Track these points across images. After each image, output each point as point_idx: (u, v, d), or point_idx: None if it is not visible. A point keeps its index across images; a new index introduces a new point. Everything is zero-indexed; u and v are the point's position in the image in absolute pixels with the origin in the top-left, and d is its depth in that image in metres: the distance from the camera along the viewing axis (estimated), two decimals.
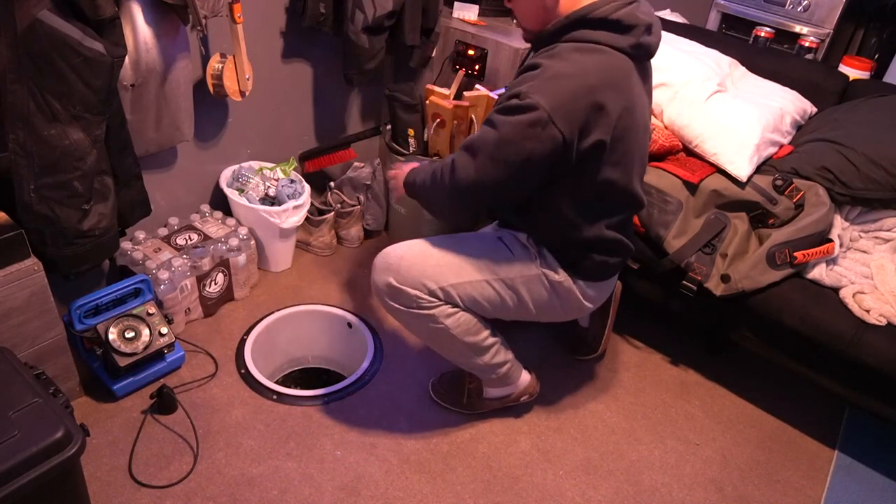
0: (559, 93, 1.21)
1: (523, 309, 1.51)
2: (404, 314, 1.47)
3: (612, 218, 1.43)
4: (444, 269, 1.43)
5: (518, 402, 1.75)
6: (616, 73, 1.27)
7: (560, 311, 1.55)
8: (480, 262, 1.45)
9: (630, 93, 1.29)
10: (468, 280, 1.44)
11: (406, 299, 1.44)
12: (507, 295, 1.48)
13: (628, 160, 1.35)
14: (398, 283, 1.43)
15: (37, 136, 1.36)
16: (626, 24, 1.26)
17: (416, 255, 1.44)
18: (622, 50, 1.27)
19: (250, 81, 1.88)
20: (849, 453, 1.79)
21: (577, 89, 1.22)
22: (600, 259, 1.47)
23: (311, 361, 2.10)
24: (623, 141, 1.31)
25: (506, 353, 1.62)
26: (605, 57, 1.26)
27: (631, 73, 1.30)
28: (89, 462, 1.50)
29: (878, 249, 1.76)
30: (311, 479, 1.54)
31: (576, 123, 1.23)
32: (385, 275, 1.44)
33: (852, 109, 1.90)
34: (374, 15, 1.99)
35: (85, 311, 1.62)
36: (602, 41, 1.26)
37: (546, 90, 1.21)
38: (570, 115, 1.22)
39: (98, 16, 1.35)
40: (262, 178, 2.11)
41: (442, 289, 1.43)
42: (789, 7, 2.46)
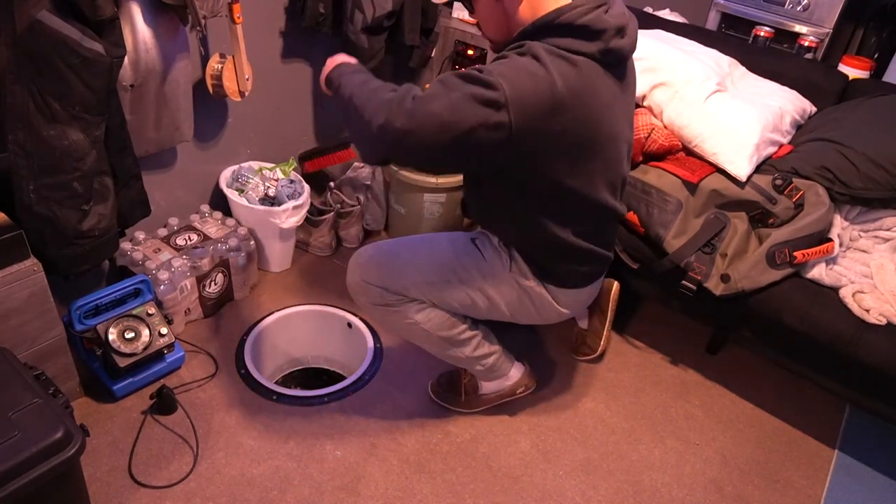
0: (522, 85, 1.15)
1: (496, 311, 1.51)
2: (377, 311, 1.52)
3: (579, 226, 1.38)
4: (410, 269, 1.47)
5: (515, 395, 1.74)
6: (582, 82, 1.21)
7: (535, 315, 1.53)
8: (449, 263, 1.46)
9: (595, 102, 1.24)
10: (434, 280, 1.46)
11: (375, 296, 1.48)
12: (478, 297, 1.47)
13: (592, 169, 1.30)
14: (366, 281, 1.48)
15: (36, 137, 1.36)
16: (593, 29, 1.21)
17: (385, 254, 1.50)
18: (591, 56, 1.21)
19: (250, 82, 1.88)
20: (849, 453, 1.79)
21: (539, 89, 1.16)
22: (569, 267, 1.44)
23: (311, 361, 2.10)
24: (585, 150, 1.26)
25: (489, 345, 1.62)
26: (571, 67, 1.20)
27: (599, 82, 1.24)
28: (89, 462, 1.50)
29: (878, 249, 1.76)
30: (311, 479, 1.54)
31: (528, 119, 1.16)
32: (355, 273, 1.50)
33: (852, 109, 1.90)
34: (373, 15, 1.99)
35: (85, 311, 1.62)
36: (569, 48, 1.20)
37: (511, 77, 1.15)
38: (525, 110, 1.15)
39: (97, 16, 1.35)
40: (261, 179, 2.11)
41: (406, 287, 1.46)
42: (789, 7, 2.45)
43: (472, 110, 1.15)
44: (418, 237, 1.54)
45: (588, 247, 1.42)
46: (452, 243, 1.50)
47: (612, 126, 1.30)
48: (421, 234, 1.54)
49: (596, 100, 1.23)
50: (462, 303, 1.49)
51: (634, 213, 1.78)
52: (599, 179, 1.33)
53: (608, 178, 1.35)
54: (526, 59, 1.18)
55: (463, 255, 1.47)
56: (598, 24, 1.20)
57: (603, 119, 1.26)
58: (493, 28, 1.33)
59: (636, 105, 1.94)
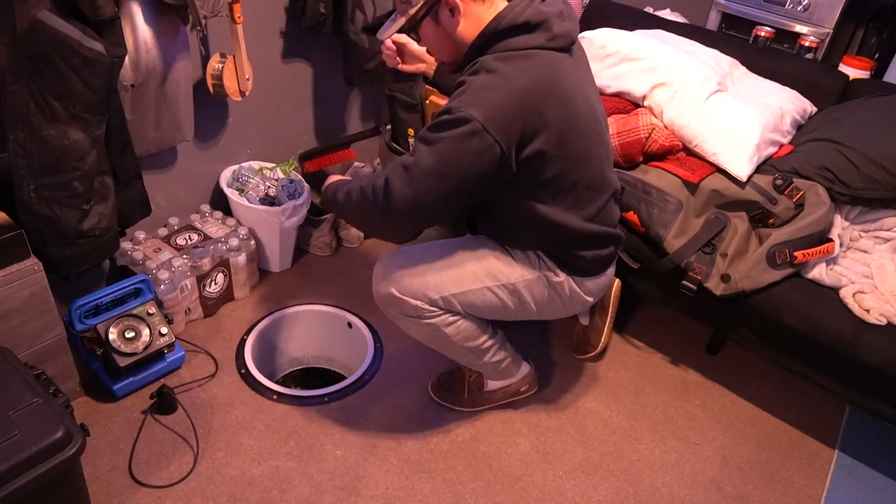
0: (489, 103, 1.20)
1: (525, 310, 1.51)
2: (405, 322, 1.49)
3: (585, 210, 1.40)
4: (444, 278, 1.43)
5: (518, 394, 1.76)
6: (542, 72, 1.25)
7: (562, 309, 1.56)
8: (481, 269, 1.45)
9: (561, 86, 1.27)
10: (469, 289, 1.44)
11: (408, 309, 1.44)
12: (509, 299, 1.47)
13: (578, 150, 1.32)
14: (400, 293, 1.43)
15: (37, 137, 1.36)
16: (535, 22, 1.25)
17: (417, 264, 1.44)
18: (541, 47, 1.25)
19: (250, 81, 1.88)
20: (849, 453, 1.79)
21: (506, 97, 1.20)
22: (592, 254, 1.46)
23: (311, 361, 2.10)
24: (567, 134, 1.28)
25: (505, 350, 1.64)
26: (526, 60, 1.24)
27: (558, 67, 1.27)
28: (89, 462, 1.50)
29: (878, 249, 1.75)
30: (311, 479, 1.54)
31: (512, 130, 1.21)
32: (386, 285, 1.44)
33: (852, 109, 1.90)
34: (374, 15, 1.99)
35: (85, 311, 1.62)
36: (519, 46, 1.24)
37: (476, 102, 1.20)
38: (505, 124, 1.20)
39: (98, 16, 1.35)
40: (262, 178, 2.11)
41: (443, 298, 1.43)
42: (789, 7, 2.45)
43: (460, 149, 1.20)
44: (446, 244, 1.49)
45: (601, 230, 1.44)
46: (481, 248, 1.48)
47: (587, 102, 1.34)
48: (446, 241, 1.50)
49: (562, 83, 1.27)
50: (494, 307, 1.48)
51: (634, 213, 1.78)
52: (592, 158, 1.37)
53: (600, 153, 1.39)
54: (481, 77, 1.23)
55: (493, 259, 1.46)
56: (538, 17, 1.25)
57: (577, 98, 1.30)
58: (442, 51, 1.38)
59: (636, 105, 1.94)
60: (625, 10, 2.34)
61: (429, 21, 1.32)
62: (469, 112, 1.18)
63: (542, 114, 1.23)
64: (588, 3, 2.45)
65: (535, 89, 1.23)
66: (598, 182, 1.40)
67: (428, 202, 1.27)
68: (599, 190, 1.41)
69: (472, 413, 1.75)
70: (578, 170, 1.34)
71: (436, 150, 1.22)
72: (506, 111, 1.20)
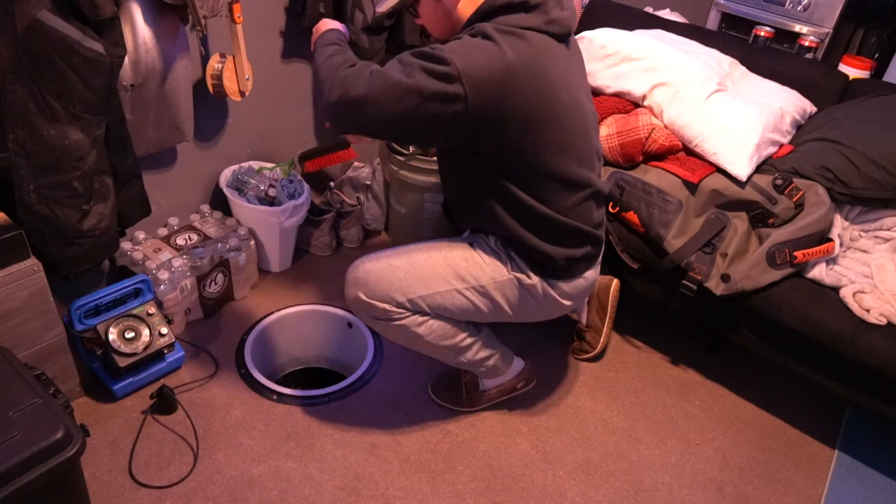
0: (475, 61, 1.20)
1: (500, 313, 1.51)
2: (378, 325, 1.50)
3: (560, 203, 1.38)
4: (411, 280, 1.44)
5: (515, 390, 1.76)
6: (532, 52, 1.25)
7: (538, 312, 1.54)
8: (450, 271, 1.45)
9: (549, 71, 1.27)
10: (437, 291, 1.44)
11: (377, 312, 1.45)
12: (480, 301, 1.47)
13: (553, 141, 1.32)
14: (367, 297, 1.44)
15: (37, 136, 1.36)
16: (533, 3, 1.26)
17: (384, 267, 1.45)
18: (537, 29, 1.26)
19: (250, 81, 1.88)
20: (849, 453, 1.79)
21: (491, 61, 1.21)
22: (564, 253, 1.43)
23: (311, 361, 2.10)
24: (548, 120, 1.29)
25: (490, 347, 1.62)
26: (519, 39, 1.24)
27: (548, 54, 1.27)
28: (89, 462, 1.50)
29: (878, 249, 1.76)
30: (311, 479, 1.54)
31: (483, 92, 1.20)
32: (354, 289, 1.46)
33: (852, 109, 1.90)
34: (373, 15, 1.99)
35: (85, 311, 1.62)
36: (514, 23, 1.25)
37: (462, 53, 1.20)
38: (480, 83, 1.20)
39: (98, 16, 1.35)
40: (261, 178, 2.11)
41: (410, 300, 1.44)
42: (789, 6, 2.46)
43: (426, 81, 1.20)
44: (414, 247, 1.49)
45: (575, 225, 1.41)
46: (450, 250, 1.48)
47: (570, 93, 1.33)
48: (417, 244, 1.50)
49: (549, 69, 1.27)
50: (465, 309, 1.48)
51: (634, 213, 1.78)
52: (570, 152, 1.35)
53: (580, 150, 1.38)
54: (477, 39, 1.24)
55: (461, 261, 1.46)
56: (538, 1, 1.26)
57: (559, 87, 1.30)
58: (439, 29, 1.39)
59: (636, 105, 1.94)
60: (625, 10, 2.34)
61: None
62: (452, 57, 1.19)
63: (518, 93, 1.24)
64: (588, 3, 2.45)
65: (521, 68, 1.23)
66: (575, 178, 1.38)
67: (372, 113, 1.24)
68: (577, 186, 1.39)
69: (471, 413, 1.75)
70: (554, 161, 1.33)
71: (405, 73, 1.21)
72: (486, 75, 1.20)
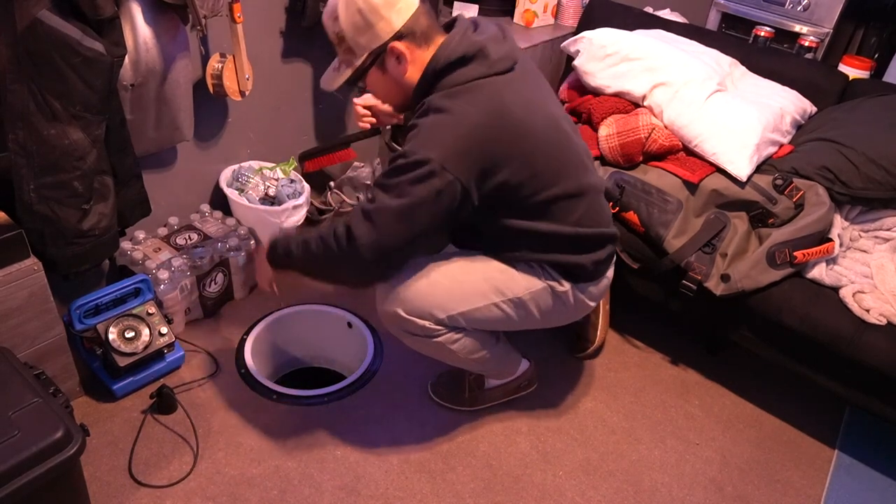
0: (442, 141, 1.20)
1: (530, 321, 1.51)
2: (410, 339, 1.48)
3: (570, 216, 1.38)
4: (451, 296, 1.41)
5: (519, 390, 1.77)
6: (490, 102, 1.24)
7: (566, 317, 1.56)
8: (489, 286, 1.43)
9: (511, 112, 1.26)
10: (476, 306, 1.42)
11: (414, 328, 1.43)
12: (515, 313, 1.46)
13: (546, 168, 1.32)
14: (406, 313, 1.40)
15: (37, 136, 1.36)
16: (470, 53, 1.25)
17: (424, 283, 1.39)
18: (483, 76, 1.25)
19: (250, 81, 1.88)
20: (849, 453, 1.79)
21: (459, 133, 1.21)
22: (591, 258, 1.44)
23: (311, 361, 2.09)
24: (530, 158, 1.28)
25: (505, 349, 1.64)
26: (471, 94, 1.24)
27: (504, 93, 1.26)
28: (89, 462, 1.50)
29: (878, 249, 1.76)
30: (311, 479, 1.54)
31: (470, 165, 1.22)
32: (392, 305, 1.40)
33: (852, 109, 1.90)
34: None
35: (85, 310, 1.62)
36: (461, 80, 1.24)
37: (429, 142, 1.21)
38: (461, 159, 1.21)
39: (98, 15, 1.35)
40: (262, 178, 2.11)
41: (449, 317, 1.42)
42: (789, 6, 2.45)
43: (420, 190, 1.21)
44: (450, 259, 1.44)
45: (592, 231, 1.42)
46: (486, 263, 1.44)
47: (542, 113, 1.33)
48: (452, 256, 1.45)
49: (512, 105, 1.27)
50: (499, 321, 1.47)
51: (634, 212, 1.78)
52: (564, 169, 1.35)
53: (571, 161, 1.38)
54: (430, 117, 1.23)
55: (498, 273, 1.43)
56: (473, 47, 1.25)
57: (532, 118, 1.29)
58: (390, 96, 1.40)
59: (636, 105, 1.94)
60: (625, 10, 2.34)
61: (375, 70, 1.31)
62: (424, 154, 1.19)
63: (498, 146, 1.24)
64: (588, 3, 2.45)
65: (487, 122, 1.23)
66: (576, 189, 1.38)
67: (393, 245, 1.28)
68: (580, 195, 1.39)
69: (472, 412, 1.75)
70: (554, 184, 1.33)
71: (396, 195, 1.22)
72: (461, 147, 1.21)
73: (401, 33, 1.25)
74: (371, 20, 1.24)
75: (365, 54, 1.28)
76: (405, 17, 1.25)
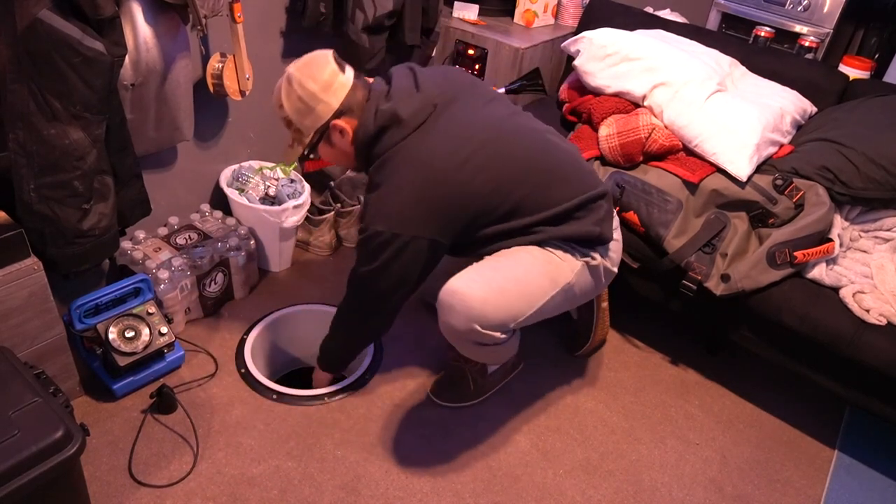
0: (386, 213, 1.33)
1: (572, 302, 1.56)
2: (473, 348, 1.51)
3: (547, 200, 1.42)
4: (522, 302, 1.44)
5: (514, 369, 1.84)
6: (414, 161, 1.34)
7: (595, 290, 1.59)
8: (545, 279, 1.45)
9: (454, 147, 1.34)
10: (539, 305, 1.45)
11: (486, 339, 1.44)
12: (563, 298, 1.49)
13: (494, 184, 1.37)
14: (483, 328, 1.41)
15: (37, 136, 1.36)
16: (385, 125, 1.35)
17: (496, 294, 1.40)
18: (405, 137, 1.35)
19: (250, 81, 1.88)
20: (849, 453, 1.79)
21: (397, 201, 1.33)
22: (593, 217, 1.47)
23: (311, 361, 2.09)
24: (489, 170, 1.36)
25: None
26: (397, 160, 1.34)
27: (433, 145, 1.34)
28: (89, 462, 1.50)
29: (878, 249, 1.76)
30: (311, 479, 1.54)
31: (421, 221, 1.33)
32: (468, 321, 1.40)
33: (852, 109, 1.90)
34: (374, 15, 1.99)
35: (85, 310, 1.62)
36: (386, 147, 1.36)
37: (376, 216, 1.34)
38: (410, 220, 1.32)
39: (98, 15, 1.35)
40: (262, 178, 2.11)
41: (517, 322, 1.45)
42: (789, 7, 2.45)
43: (384, 256, 1.35)
44: (504, 261, 1.44)
45: (579, 200, 1.44)
46: (531, 257, 1.45)
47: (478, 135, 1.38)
48: (501, 257, 1.45)
49: (435, 157, 1.34)
50: (554, 309, 1.50)
51: (634, 212, 1.78)
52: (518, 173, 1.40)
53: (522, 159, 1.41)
54: (372, 194, 1.37)
55: (546, 264, 1.45)
56: (385, 117, 1.36)
57: (460, 151, 1.36)
58: (342, 162, 1.51)
59: (636, 105, 1.94)
60: (625, 10, 2.34)
61: (323, 143, 1.45)
62: (374, 228, 1.33)
63: (449, 187, 1.33)
64: (588, 3, 2.45)
65: (419, 184, 1.32)
66: (536, 184, 1.41)
67: (398, 296, 1.45)
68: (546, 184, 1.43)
69: (472, 412, 1.75)
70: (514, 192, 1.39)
71: (367, 262, 1.39)
72: (404, 213, 1.32)
73: (340, 111, 1.38)
74: (311, 105, 1.37)
75: (311, 133, 1.41)
76: (341, 96, 1.37)
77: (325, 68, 1.36)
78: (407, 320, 1.91)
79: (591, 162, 1.89)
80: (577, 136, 1.99)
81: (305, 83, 1.36)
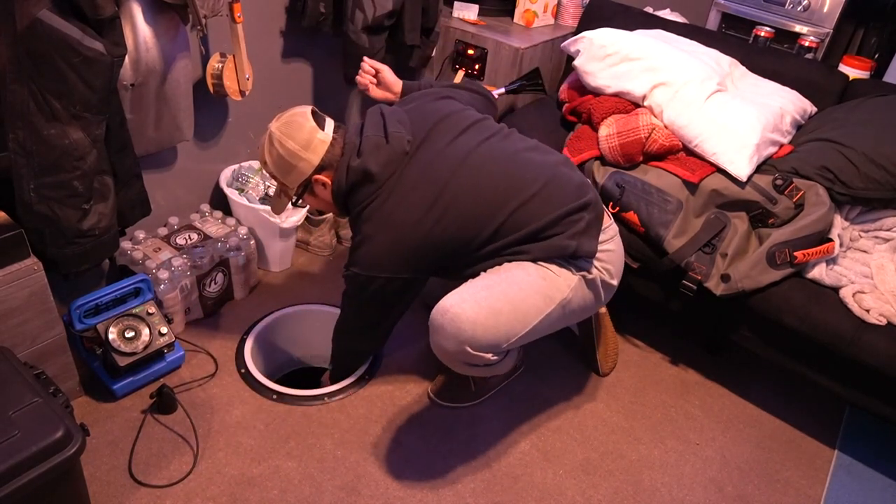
0: (366, 258, 1.40)
1: (572, 318, 1.54)
2: (464, 367, 1.51)
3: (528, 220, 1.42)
4: (514, 323, 1.41)
5: (515, 371, 1.84)
6: (403, 195, 1.39)
7: (598, 304, 1.57)
8: (539, 296, 1.42)
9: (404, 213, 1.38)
10: (533, 325, 1.43)
11: (477, 360, 1.44)
12: (561, 315, 1.47)
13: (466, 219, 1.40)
14: (473, 349, 1.39)
15: (37, 136, 1.36)
16: (357, 181, 1.40)
17: (488, 315, 1.37)
18: (377, 190, 1.40)
19: (250, 81, 1.88)
20: (849, 453, 1.79)
21: (375, 250, 1.40)
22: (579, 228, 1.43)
23: (311, 361, 2.09)
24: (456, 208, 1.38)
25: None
26: (371, 213, 1.40)
27: (408, 179, 1.39)
28: (89, 462, 1.50)
29: (878, 249, 1.76)
30: (311, 479, 1.54)
31: (397, 264, 1.40)
32: (458, 343, 1.38)
33: (852, 109, 1.90)
34: (374, 14, 1.99)
35: (85, 310, 1.62)
36: (363, 199, 1.41)
37: (359, 261, 1.42)
38: (386, 264, 1.39)
39: (98, 15, 1.35)
40: (262, 178, 2.11)
41: (510, 343, 1.43)
42: (789, 7, 2.45)
43: (363, 295, 1.45)
44: (498, 278, 1.42)
45: (549, 219, 1.42)
46: (526, 274, 1.42)
47: (455, 169, 1.40)
48: (496, 274, 1.43)
49: (418, 193, 1.39)
50: (551, 326, 1.50)
51: (634, 212, 1.78)
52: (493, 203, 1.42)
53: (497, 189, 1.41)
54: (359, 240, 1.42)
55: (541, 281, 1.42)
56: (357, 174, 1.40)
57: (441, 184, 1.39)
58: (327, 209, 1.58)
59: (636, 105, 1.94)
60: (625, 10, 2.34)
61: (307, 195, 1.52)
62: (353, 270, 1.42)
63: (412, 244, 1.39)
64: (588, 3, 2.45)
65: (392, 236, 1.39)
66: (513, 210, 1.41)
67: (387, 321, 1.58)
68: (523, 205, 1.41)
69: (472, 413, 1.75)
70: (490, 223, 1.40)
71: (349, 298, 1.52)
72: (381, 259, 1.40)
73: (321, 166, 1.44)
74: (293, 162, 1.43)
75: (295, 187, 1.48)
76: (321, 152, 1.43)
77: (305, 126, 1.43)
78: (407, 321, 1.91)
79: (591, 162, 1.89)
80: (577, 136, 1.99)
81: (285, 142, 1.42)
